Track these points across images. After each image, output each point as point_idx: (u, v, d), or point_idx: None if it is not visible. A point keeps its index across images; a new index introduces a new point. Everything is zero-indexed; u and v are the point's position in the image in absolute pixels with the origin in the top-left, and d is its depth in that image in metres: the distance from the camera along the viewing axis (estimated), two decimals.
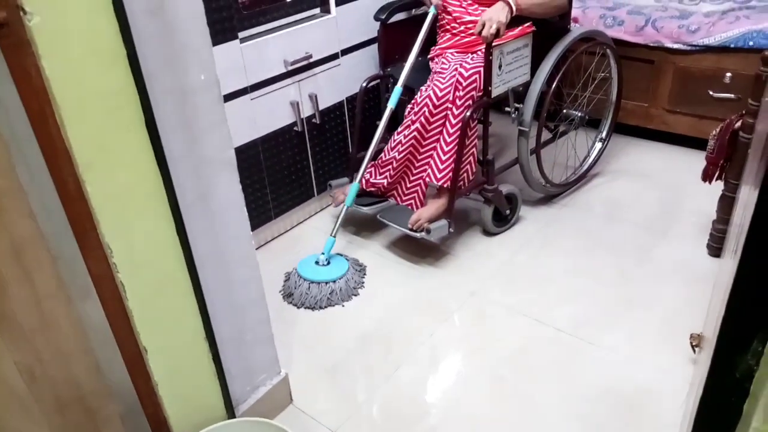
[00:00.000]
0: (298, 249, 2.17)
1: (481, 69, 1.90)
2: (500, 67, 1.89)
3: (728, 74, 2.33)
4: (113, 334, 1.10)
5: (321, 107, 2.18)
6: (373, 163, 2.09)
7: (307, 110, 2.14)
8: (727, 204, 1.88)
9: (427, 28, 2.08)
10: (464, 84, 1.90)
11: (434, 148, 1.99)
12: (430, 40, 2.17)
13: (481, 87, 1.91)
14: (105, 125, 0.97)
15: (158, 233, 1.10)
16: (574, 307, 1.81)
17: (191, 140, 1.11)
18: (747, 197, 1.15)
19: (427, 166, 2.01)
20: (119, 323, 1.10)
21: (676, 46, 2.39)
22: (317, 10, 2.12)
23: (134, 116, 1.01)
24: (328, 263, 1.99)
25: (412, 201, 2.09)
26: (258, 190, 2.09)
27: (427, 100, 1.94)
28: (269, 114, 2.03)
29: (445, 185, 1.96)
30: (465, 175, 1.99)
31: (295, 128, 2.13)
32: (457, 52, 2.10)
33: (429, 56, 2.20)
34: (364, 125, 2.22)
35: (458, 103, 1.90)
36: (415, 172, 2.06)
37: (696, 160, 2.01)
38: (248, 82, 1.92)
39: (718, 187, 1.91)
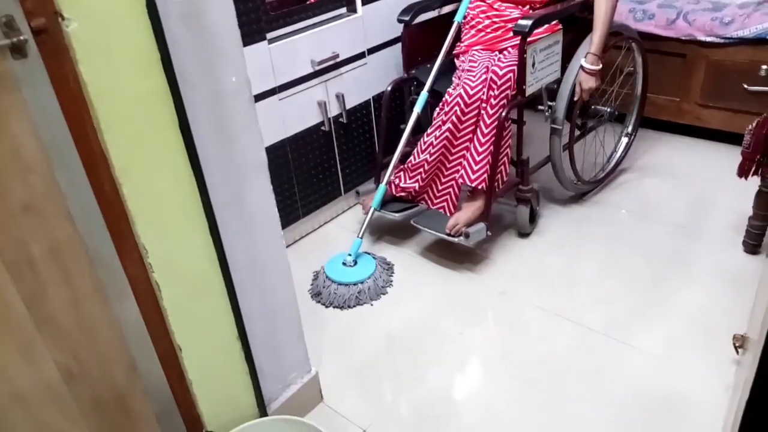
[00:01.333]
0: (326, 248, 2.17)
1: (515, 67, 1.86)
2: (533, 65, 1.87)
3: (764, 67, 2.27)
4: (149, 333, 1.12)
5: (348, 106, 2.18)
6: (401, 166, 2.05)
7: (334, 110, 2.15)
8: (764, 200, 1.84)
9: (453, 32, 2.06)
10: (499, 83, 1.86)
11: (467, 149, 1.94)
12: (454, 37, 2.14)
13: (515, 85, 1.87)
14: (140, 129, 0.99)
15: (192, 235, 1.12)
16: (607, 308, 1.79)
17: (224, 143, 1.12)
18: None
19: (459, 168, 1.97)
20: (154, 322, 1.12)
21: (709, 39, 2.34)
22: (344, 10, 2.12)
23: (169, 120, 1.02)
24: (355, 263, 1.99)
25: (445, 204, 2.04)
26: (286, 190, 2.10)
27: (458, 99, 1.89)
28: (297, 114, 2.04)
29: (480, 187, 1.91)
30: (500, 176, 1.95)
31: (323, 128, 2.13)
32: (482, 49, 2.06)
33: (454, 52, 2.15)
34: (389, 128, 2.18)
35: (492, 102, 1.86)
36: (446, 174, 2.02)
37: (730, 156, 1.96)
38: (276, 82, 1.93)
39: (754, 183, 1.86)
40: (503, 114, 1.85)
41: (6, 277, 0.91)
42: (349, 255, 2.00)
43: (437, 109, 1.98)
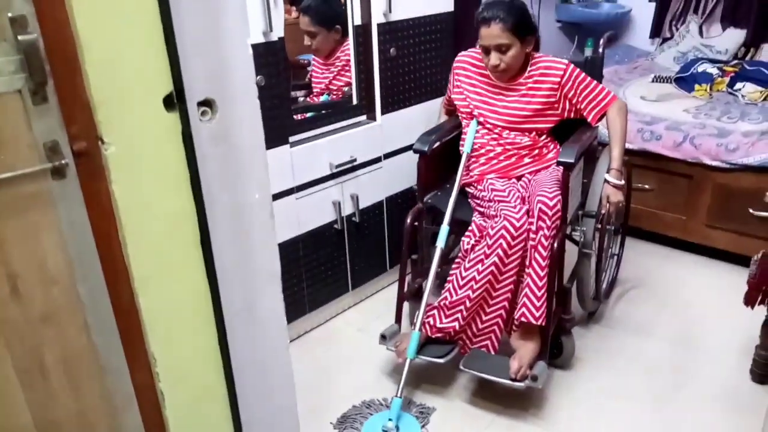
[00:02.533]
0: (331, 343, 2.17)
1: (560, 195, 1.81)
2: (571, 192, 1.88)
3: None
4: None
5: (361, 206, 2.24)
6: (432, 305, 1.89)
7: (347, 209, 2.20)
8: None
9: (464, 163, 2.04)
10: (551, 213, 1.78)
11: (512, 283, 1.83)
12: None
13: (562, 214, 1.83)
14: (163, 243, 1.02)
15: (201, 343, 1.13)
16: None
17: (241, 254, 1.16)
18: None
19: (505, 302, 1.84)
20: (155, 431, 1.11)
21: (714, 163, 2.42)
22: (363, 117, 2.22)
23: (190, 234, 1.06)
24: (398, 430, 1.77)
25: (488, 343, 1.89)
26: (295, 285, 2.13)
27: (503, 232, 1.79)
28: (312, 212, 2.09)
29: (542, 323, 1.79)
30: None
31: (335, 226, 2.18)
32: (499, 177, 2.02)
33: (462, 182, 2.06)
34: (406, 261, 2.04)
35: (546, 233, 1.77)
36: (489, 311, 1.87)
37: (738, 277, 1.97)
38: (295, 182, 2.00)
39: (761, 310, 1.87)
40: (555, 245, 1.78)
41: (16, 385, 0.92)
42: (390, 420, 1.77)
43: (466, 239, 1.89)
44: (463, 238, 1.91)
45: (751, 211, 2.37)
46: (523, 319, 1.79)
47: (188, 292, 1.08)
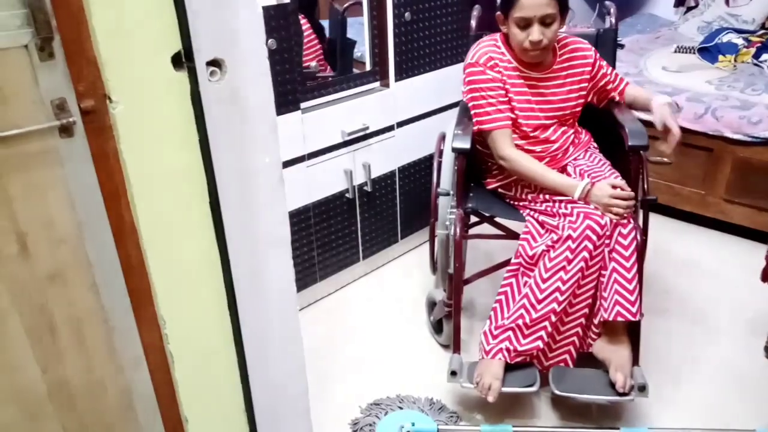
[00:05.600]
0: (341, 312, 2.18)
1: (623, 179, 1.67)
2: None
3: None
4: (158, 403, 1.12)
5: (373, 176, 2.22)
6: (504, 326, 1.65)
7: (359, 178, 2.18)
8: None
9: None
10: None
11: (594, 287, 1.63)
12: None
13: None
14: (172, 203, 1.02)
15: (210, 307, 1.13)
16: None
17: (250, 218, 1.15)
18: None
19: (586, 307, 1.65)
20: (164, 393, 1.12)
21: (736, 136, 2.36)
22: (377, 84, 2.19)
23: (200, 195, 1.05)
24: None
25: (567, 356, 1.69)
26: (306, 253, 2.12)
27: (588, 233, 1.57)
28: (323, 181, 2.08)
29: (640, 317, 1.61)
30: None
31: (347, 195, 2.17)
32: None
33: (499, 183, 1.86)
34: (460, 279, 1.79)
35: (626, 222, 1.61)
36: (567, 320, 1.66)
37: (755, 253, 1.94)
38: (306, 150, 1.98)
39: None
40: (638, 234, 1.62)
41: (25, 341, 0.93)
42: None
43: (525, 244, 1.67)
44: (521, 243, 1.68)
45: None
46: (620, 318, 1.59)
47: (198, 255, 1.08)
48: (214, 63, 1.00)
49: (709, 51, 2.89)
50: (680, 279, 2.31)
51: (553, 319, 1.61)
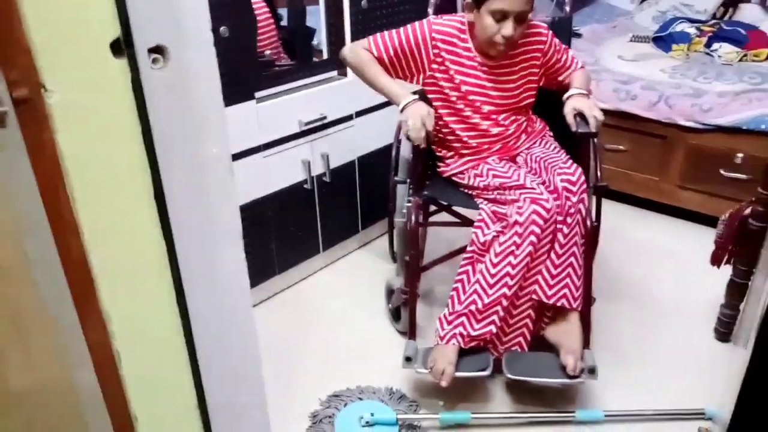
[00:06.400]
0: (299, 305, 2.15)
1: (579, 168, 1.69)
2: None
3: (740, 155, 2.34)
4: (105, 401, 1.09)
5: (332, 166, 2.20)
6: (457, 312, 1.67)
7: (317, 169, 2.16)
8: (735, 289, 1.86)
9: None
10: (576, 189, 1.64)
11: (540, 271, 1.66)
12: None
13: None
14: (114, 197, 0.98)
15: (158, 302, 1.10)
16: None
17: (199, 211, 1.12)
18: (760, 287, 1.14)
19: (534, 294, 1.67)
20: (112, 391, 1.09)
21: (688, 124, 2.41)
22: (335, 73, 2.16)
23: (144, 188, 1.02)
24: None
25: (520, 339, 1.71)
26: (264, 245, 2.10)
27: (534, 217, 1.59)
28: (280, 172, 2.05)
29: (580, 307, 1.67)
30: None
31: (305, 186, 2.14)
32: (495, 160, 1.83)
33: (453, 170, 1.87)
34: (417, 265, 1.83)
35: (575, 210, 1.63)
36: (518, 304, 1.69)
37: (707, 237, 1.98)
38: (262, 141, 1.95)
39: (727, 269, 1.89)
40: (588, 221, 1.65)
41: None
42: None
43: (478, 231, 1.67)
44: (474, 230, 1.69)
45: (722, 172, 2.38)
46: (566, 305, 1.64)
47: (143, 249, 1.04)
48: (157, 50, 0.96)
49: (663, 40, 2.95)
50: (635, 264, 2.36)
51: (505, 303, 1.63)
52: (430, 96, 1.80)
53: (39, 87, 0.86)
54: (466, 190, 1.85)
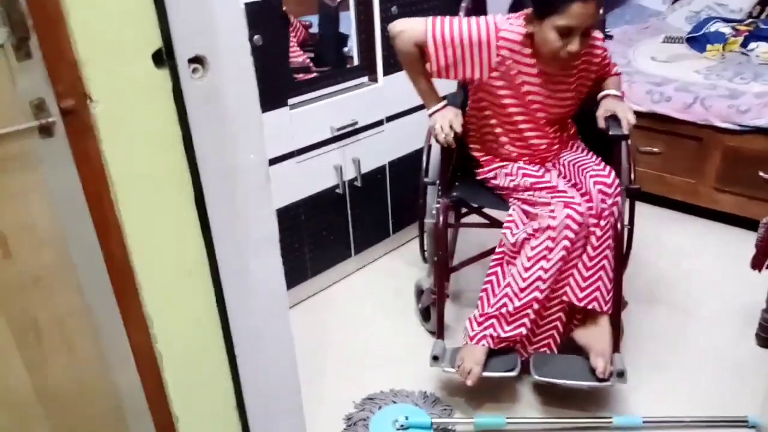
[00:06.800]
0: (332, 309, 2.17)
1: (613, 171, 1.67)
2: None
3: None
4: (147, 402, 1.12)
5: (363, 171, 2.21)
6: (488, 314, 1.65)
7: (349, 173, 2.18)
8: None
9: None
10: (611, 192, 1.63)
11: (574, 269, 1.63)
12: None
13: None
14: (157, 202, 1.01)
15: (198, 305, 1.13)
16: (611, 389, 1.75)
17: (237, 216, 1.14)
18: None
19: (565, 296, 1.65)
20: (154, 392, 1.11)
21: (725, 125, 2.36)
22: (365, 79, 2.18)
23: (185, 193, 1.04)
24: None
25: (550, 341, 1.71)
26: (297, 249, 2.12)
27: (568, 221, 1.57)
28: (313, 177, 2.07)
29: (610, 311, 1.65)
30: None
31: (337, 190, 2.16)
32: (526, 162, 1.80)
33: (485, 172, 1.84)
34: (445, 265, 1.81)
35: (609, 214, 1.61)
36: (549, 306, 1.67)
37: (746, 241, 1.94)
38: (295, 146, 1.98)
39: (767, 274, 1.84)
40: (618, 224, 1.63)
41: (12, 343, 0.92)
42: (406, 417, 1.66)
43: (507, 232, 1.66)
44: (504, 232, 1.67)
45: (761, 174, 2.33)
46: (597, 309, 1.62)
47: (184, 253, 1.07)
48: (196, 60, 0.99)
49: (698, 40, 2.90)
50: (671, 268, 2.32)
51: (536, 306, 1.62)
52: (483, 102, 1.74)
53: (85, 98, 0.89)
54: (497, 192, 1.83)
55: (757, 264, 1.82)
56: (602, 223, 1.60)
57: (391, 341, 2.03)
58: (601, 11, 1.97)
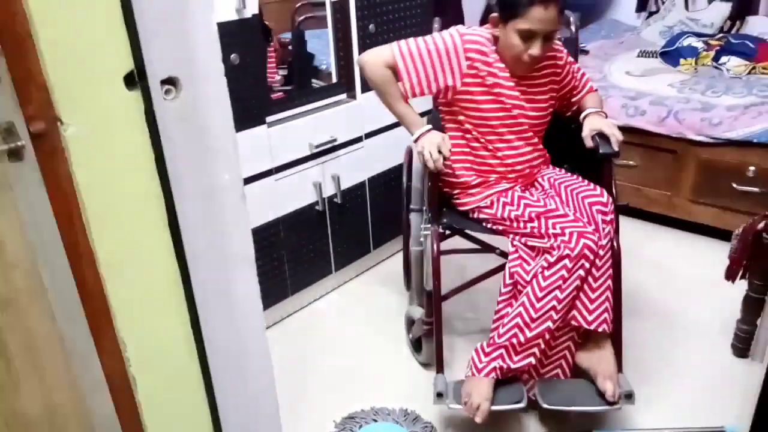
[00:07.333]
0: (314, 326, 2.16)
1: (604, 190, 1.67)
2: None
3: (752, 168, 2.32)
4: (120, 427, 1.10)
5: (343, 187, 2.21)
6: (497, 344, 1.59)
7: (328, 190, 2.18)
8: (751, 305, 1.84)
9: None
10: (608, 210, 1.63)
11: (581, 293, 1.60)
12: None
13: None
14: (129, 225, 1.00)
15: (173, 328, 1.11)
16: None
17: (212, 237, 1.13)
18: None
19: (574, 320, 1.60)
20: (127, 417, 1.10)
21: (698, 138, 2.41)
22: (343, 96, 2.19)
23: (158, 216, 1.03)
24: None
25: (559, 371, 1.67)
26: (276, 267, 2.11)
27: (586, 252, 1.53)
28: (292, 194, 2.07)
29: (611, 329, 1.62)
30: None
31: (317, 207, 2.16)
32: (522, 188, 1.77)
33: (478, 200, 1.77)
34: (439, 296, 1.73)
35: (606, 234, 1.60)
36: (559, 335, 1.65)
37: (721, 252, 1.96)
38: (273, 164, 1.97)
39: (742, 284, 1.87)
40: (615, 243, 1.62)
41: None
42: None
43: (512, 266, 1.63)
44: (509, 267, 1.63)
45: (734, 185, 2.37)
46: (600, 329, 1.58)
47: (158, 276, 1.06)
48: (169, 81, 0.99)
49: (671, 55, 2.96)
50: (649, 280, 2.34)
51: (547, 337, 1.59)
52: (461, 116, 1.72)
53: (55, 120, 0.88)
54: (491, 225, 1.75)
55: (731, 275, 1.85)
56: (604, 242, 1.58)
57: (373, 358, 2.02)
58: (574, 28, 2.01)
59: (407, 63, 1.66)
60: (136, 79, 0.95)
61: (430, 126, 1.69)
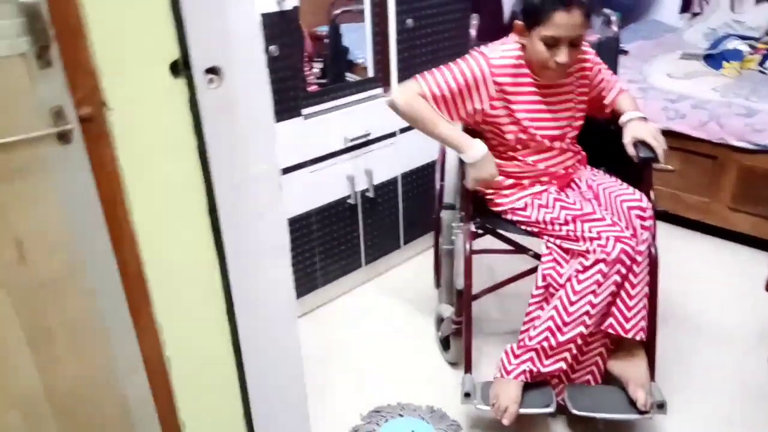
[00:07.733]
0: (341, 319, 2.17)
1: (643, 194, 1.64)
2: None
3: None
4: (155, 408, 1.13)
5: (375, 182, 2.22)
6: (528, 346, 1.58)
7: (361, 184, 2.19)
8: None
9: None
10: (647, 215, 1.59)
11: (617, 299, 1.57)
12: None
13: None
14: (170, 210, 1.02)
15: (208, 313, 1.14)
16: None
17: (249, 225, 1.15)
18: None
19: (610, 328, 1.58)
20: (162, 398, 1.12)
21: (740, 144, 2.35)
22: (379, 90, 2.19)
23: (197, 202, 1.06)
24: None
25: (590, 377, 1.65)
26: (307, 259, 2.13)
27: (623, 257, 1.51)
28: (325, 187, 2.08)
29: (645, 338, 1.59)
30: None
31: (349, 201, 2.17)
32: (558, 189, 1.75)
33: (512, 201, 1.74)
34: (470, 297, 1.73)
35: (645, 239, 1.58)
36: (592, 340, 1.62)
37: (760, 261, 1.92)
38: (308, 156, 1.99)
39: None
40: (653, 249, 1.59)
41: (24, 344, 0.93)
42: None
43: (545, 268, 1.61)
44: (544, 269, 1.61)
45: None
46: (636, 337, 1.56)
47: (196, 261, 1.08)
48: (212, 71, 1.01)
49: (714, 58, 2.88)
50: (684, 287, 2.30)
51: (580, 342, 1.57)
52: (489, 134, 1.72)
53: (102, 106, 0.91)
54: (526, 228, 1.72)
55: None
56: (641, 248, 1.55)
57: (400, 353, 2.02)
58: (615, 28, 1.97)
59: (437, 96, 1.65)
60: (181, 67, 0.97)
61: (479, 149, 1.62)
